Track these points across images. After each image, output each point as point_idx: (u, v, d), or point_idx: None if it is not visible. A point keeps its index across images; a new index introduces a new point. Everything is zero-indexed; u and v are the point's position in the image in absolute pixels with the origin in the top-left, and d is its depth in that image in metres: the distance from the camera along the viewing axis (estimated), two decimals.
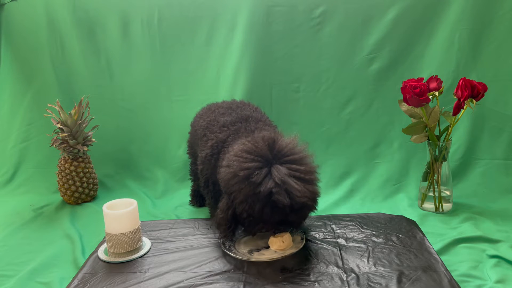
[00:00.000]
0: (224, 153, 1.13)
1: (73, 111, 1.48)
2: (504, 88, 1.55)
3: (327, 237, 1.14)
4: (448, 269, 0.98)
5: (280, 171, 0.97)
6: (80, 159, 1.52)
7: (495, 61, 1.55)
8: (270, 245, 1.07)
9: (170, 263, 1.04)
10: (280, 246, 1.05)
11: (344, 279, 0.94)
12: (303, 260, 1.03)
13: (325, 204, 1.42)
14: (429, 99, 1.27)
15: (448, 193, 1.38)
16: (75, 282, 0.97)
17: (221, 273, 0.98)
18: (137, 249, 1.10)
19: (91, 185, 1.54)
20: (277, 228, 1.03)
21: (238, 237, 1.14)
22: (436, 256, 1.03)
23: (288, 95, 1.68)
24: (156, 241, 1.16)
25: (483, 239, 1.15)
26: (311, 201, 1.02)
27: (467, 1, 1.52)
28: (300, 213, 1.01)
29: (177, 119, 1.73)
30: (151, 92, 1.74)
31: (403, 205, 1.42)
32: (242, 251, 1.08)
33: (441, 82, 1.30)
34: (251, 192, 0.97)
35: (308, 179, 1.00)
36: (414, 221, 1.24)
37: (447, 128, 1.33)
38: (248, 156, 1.01)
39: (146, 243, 1.14)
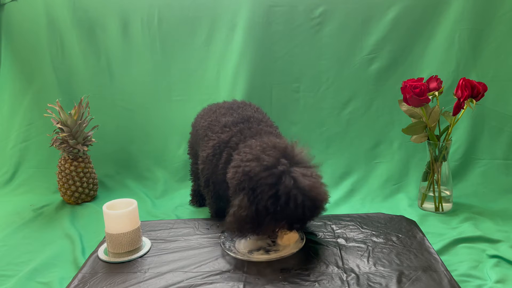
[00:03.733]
0: (228, 153, 1.13)
1: (73, 111, 1.49)
2: (504, 88, 1.55)
3: (327, 237, 1.14)
4: (448, 269, 0.98)
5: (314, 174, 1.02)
6: (80, 159, 1.52)
7: (495, 61, 1.55)
8: (283, 242, 1.07)
9: (170, 263, 1.04)
10: (293, 235, 1.07)
11: (344, 279, 0.94)
12: (303, 260, 1.03)
13: None
14: (429, 99, 1.27)
15: (448, 193, 1.38)
16: (75, 282, 0.98)
17: (221, 273, 0.98)
18: (137, 249, 1.10)
19: (91, 185, 1.54)
20: (292, 227, 1.03)
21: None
22: (436, 256, 1.03)
23: (288, 95, 1.68)
24: (156, 241, 1.16)
25: (483, 239, 1.15)
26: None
27: (467, 1, 1.52)
28: (319, 211, 1.05)
29: (177, 119, 1.73)
30: (151, 92, 1.74)
31: (403, 205, 1.42)
32: (242, 251, 1.08)
33: (441, 82, 1.30)
34: (293, 186, 0.96)
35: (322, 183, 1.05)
36: (414, 221, 1.24)
37: (447, 128, 1.33)
38: (278, 153, 1.01)
39: (146, 243, 1.14)
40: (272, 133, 1.18)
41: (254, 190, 0.98)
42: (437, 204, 1.36)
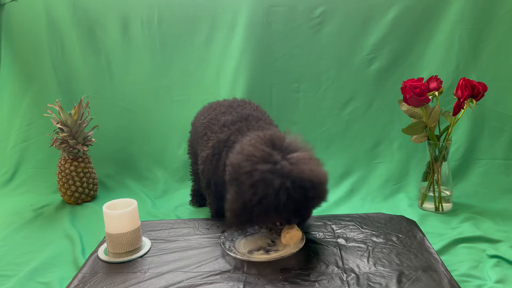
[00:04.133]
0: (227, 152, 1.13)
1: (73, 111, 1.49)
2: (504, 88, 1.55)
3: (327, 237, 1.14)
4: (448, 269, 0.98)
5: (299, 155, 0.97)
6: (80, 159, 1.52)
7: (495, 61, 1.55)
8: (285, 241, 1.05)
9: (170, 263, 1.04)
10: (295, 234, 1.04)
11: (344, 279, 0.94)
12: (303, 260, 1.03)
13: (325, 204, 1.42)
14: (429, 99, 1.27)
15: (448, 193, 1.38)
16: (75, 282, 0.97)
17: (221, 273, 0.98)
18: (137, 249, 1.10)
19: (91, 185, 1.54)
20: (287, 219, 1.01)
21: (238, 237, 1.14)
22: (436, 256, 1.03)
23: (288, 95, 1.68)
24: (156, 241, 1.16)
25: (483, 239, 1.15)
26: (326, 192, 1.01)
27: (467, 1, 1.52)
28: (316, 200, 1.00)
29: (177, 119, 1.73)
30: (151, 92, 1.74)
31: (403, 205, 1.42)
32: (242, 251, 1.08)
33: (441, 82, 1.30)
34: (270, 169, 0.94)
35: (322, 175, 1.00)
36: (414, 221, 1.24)
37: (447, 128, 1.33)
38: (264, 143, 1.00)
39: (146, 243, 1.14)
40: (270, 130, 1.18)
41: (237, 180, 0.98)
42: (437, 204, 1.36)
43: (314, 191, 0.97)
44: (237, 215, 1.00)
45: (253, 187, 0.95)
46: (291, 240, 1.06)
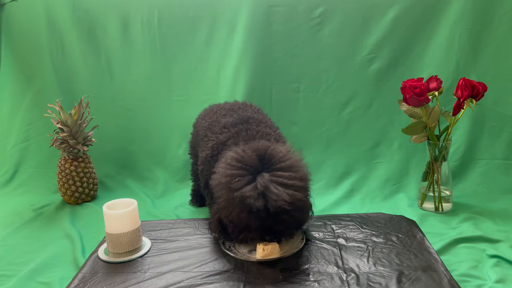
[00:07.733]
0: (223, 155, 1.13)
1: (73, 111, 1.49)
2: (504, 88, 1.55)
3: (327, 237, 1.14)
4: (448, 269, 0.98)
5: (263, 177, 0.96)
6: (80, 159, 1.52)
7: (495, 61, 1.55)
8: (260, 255, 1.04)
9: (170, 263, 1.04)
10: (260, 253, 1.03)
11: (344, 279, 0.94)
12: (303, 260, 1.03)
13: (325, 204, 1.43)
14: (429, 99, 1.27)
15: (448, 193, 1.38)
16: (75, 282, 0.98)
17: (221, 273, 0.98)
18: (137, 249, 1.10)
19: (91, 185, 1.54)
20: (261, 238, 1.01)
21: None
22: (436, 256, 1.03)
23: (288, 95, 1.68)
24: (156, 241, 1.16)
25: (483, 239, 1.15)
26: (290, 206, 0.94)
27: (467, 1, 1.52)
28: (278, 218, 0.96)
29: (177, 119, 1.73)
30: (151, 92, 1.74)
31: (403, 205, 1.42)
32: (242, 251, 1.08)
33: (441, 82, 1.30)
34: (230, 198, 0.97)
35: (291, 184, 0.96)
36: (414, 221, 1.24)
37: (447, 128, 1.33)
38: (236, 164, 1.00)
39: (146, 243, 1.14)
40: (270, 135, 1.18)
41: (217, 200, 1.04)
42: (437, 204, 1.36)
43: (271, 219, 0.96)
44: (210, 228, 1.11)
45: (223, 210, 1.01)
46: (262, 254, 1.03)
